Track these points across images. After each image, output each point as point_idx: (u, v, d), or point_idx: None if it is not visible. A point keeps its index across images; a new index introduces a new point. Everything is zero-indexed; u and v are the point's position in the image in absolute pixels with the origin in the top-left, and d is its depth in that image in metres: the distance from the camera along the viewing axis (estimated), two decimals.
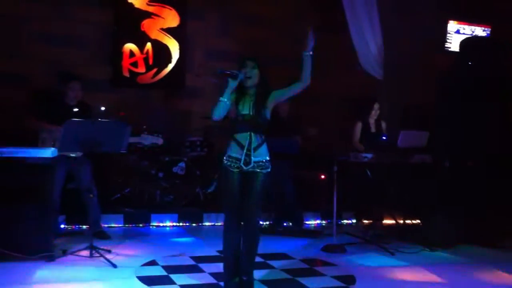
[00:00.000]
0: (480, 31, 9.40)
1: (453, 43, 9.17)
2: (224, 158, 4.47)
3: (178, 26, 8.69)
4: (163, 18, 8.58)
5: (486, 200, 6.86)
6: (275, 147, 6.64)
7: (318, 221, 7.73)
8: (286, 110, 6.96)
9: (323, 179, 7.80)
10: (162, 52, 8.57)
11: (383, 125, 7.33)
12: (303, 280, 4.97)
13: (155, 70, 8.55)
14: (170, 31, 8.63)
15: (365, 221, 7.59)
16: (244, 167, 4.41)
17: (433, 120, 8.23)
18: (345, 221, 7.81)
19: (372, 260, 5.80)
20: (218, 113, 4.37)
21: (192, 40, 8.81)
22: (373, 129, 7.26)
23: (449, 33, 9.22)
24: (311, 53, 4.52)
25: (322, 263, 5.63)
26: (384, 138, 6.93)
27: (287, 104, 6.88)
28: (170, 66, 8.62)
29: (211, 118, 4.38)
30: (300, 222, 7.04)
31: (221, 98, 4.35)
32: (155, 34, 8.53)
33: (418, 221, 7.42)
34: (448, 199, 6.96)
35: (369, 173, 6.69)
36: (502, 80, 7.44)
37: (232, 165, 4.43)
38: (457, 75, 7.81)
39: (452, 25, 9.26)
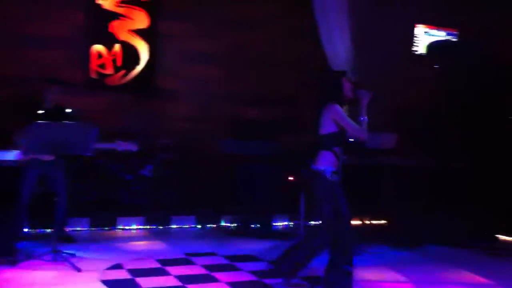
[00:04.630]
0: (447, 35, 9.52)
1: (420, 47, 9.27)
2: (330, 172, 4.55)
3: (148, 27, 8.62)
4: (132, 19, 8.50)
5: (456, 201, 6.98)
6: (251, 150, 6.74)
7: (286, 223, 7.74)
8: (256, 114, 6.98)
9: (291, 180, 7.82)
10: (130, 54, 8.50)
11: None
12: (270, 282, 4.97)
13: (123, 72, 8.47)
14: (139, 32, 8.57)
15: None
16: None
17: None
18: (314, 222, 7.82)
19: None
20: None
21: (166, 41, 8.74)
22: None
23: (417, 36, 9.32)
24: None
25: None
26: (350, 139, 6.96)
27: (255, 108, 6.90)
28: (138, 68, 8.56)
29: (363, 139, 4.69)
30: (268, 224, 7.05)
31: (366, 118, 4.62)
32: (124, 36, 8.46)
33: (385, 221, 7.51)
34: (417, 200, 7.06)
35: None
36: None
37: (336, 179, 4.61)
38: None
39: (420, 29, 9.37)
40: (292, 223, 7.70)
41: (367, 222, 6.99)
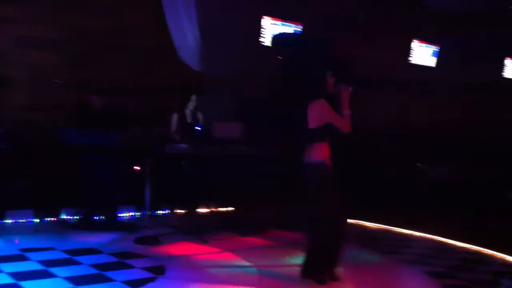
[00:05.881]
0: (292, 28, 9.88)
1: (267, 38, 9.53)
2: (325, 163, 4.66)
3: None
4: None
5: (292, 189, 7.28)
6: (95, 140, 6.45)
7: (133, 213, 7.57)
8: (100, 103, 6.73)
9: (138, 170, 7.66)
10: None
11: (200, 116, 7.41)
12: (111, 274, 4.84)
13: None
14: None
15: (181, 211, 7.61)
16: None
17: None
18: (161, 212, 7.75)
19: (184, 249, 5.84)
20: None
21: None
22: (189, 120, 7.31)
23: (263, 28, 9.57)
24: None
25: (133, 255, 5.52)
26: (198, 128, 7.00)
27: (100, 97, 6.66)
28: None
29: (347, 132, 4.69)
30: (113, 215, 6.84)
31: (348, 112, 4.71)
32: None
33: (232, 208, 7.66)
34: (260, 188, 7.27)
35: (184, 163, 6.71)
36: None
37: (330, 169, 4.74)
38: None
39: (266, 21, 9.62)
40: (139, 214, 7.55)
41: (214, 209, 7.06)
